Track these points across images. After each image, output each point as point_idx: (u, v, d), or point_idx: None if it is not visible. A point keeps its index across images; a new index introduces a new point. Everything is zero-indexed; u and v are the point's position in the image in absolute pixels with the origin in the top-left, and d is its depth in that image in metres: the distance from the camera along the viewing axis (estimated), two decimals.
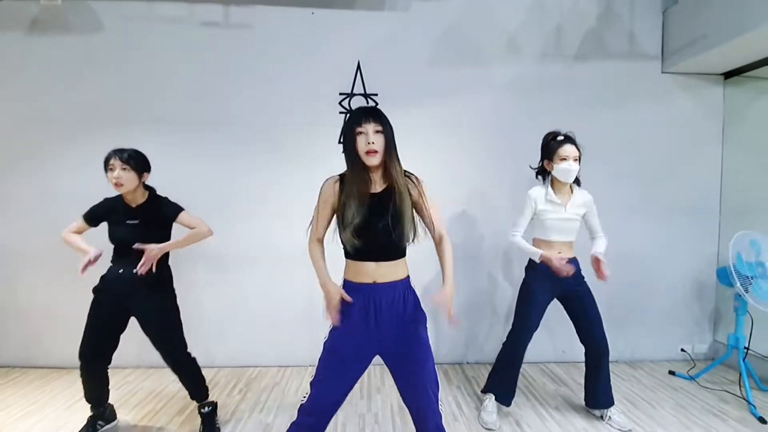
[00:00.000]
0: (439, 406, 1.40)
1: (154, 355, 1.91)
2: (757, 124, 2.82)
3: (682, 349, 2.86)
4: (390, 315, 1.36)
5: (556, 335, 2.77)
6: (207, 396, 1.96)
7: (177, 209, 1.87)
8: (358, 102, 2.70)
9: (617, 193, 2.75)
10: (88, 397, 1.87)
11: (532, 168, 2.16)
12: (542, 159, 2.08)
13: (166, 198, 1.91)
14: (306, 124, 2.70)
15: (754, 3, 2.18)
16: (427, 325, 1.44)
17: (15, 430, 1.96)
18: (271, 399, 2.29)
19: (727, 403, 2.28)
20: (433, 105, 2.74)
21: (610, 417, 2.04)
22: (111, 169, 1.78)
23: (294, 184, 2.71)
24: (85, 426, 1.88)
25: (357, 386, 1.96)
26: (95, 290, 1.84)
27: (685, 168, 2.85)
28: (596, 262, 1.98)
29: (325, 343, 1.42)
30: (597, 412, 2.11)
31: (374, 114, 1.35)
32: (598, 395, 2.06)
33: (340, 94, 2.69)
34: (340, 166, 1.42)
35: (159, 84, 2.65)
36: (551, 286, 2.01)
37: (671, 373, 2.66)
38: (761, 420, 2.10)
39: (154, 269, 1.76)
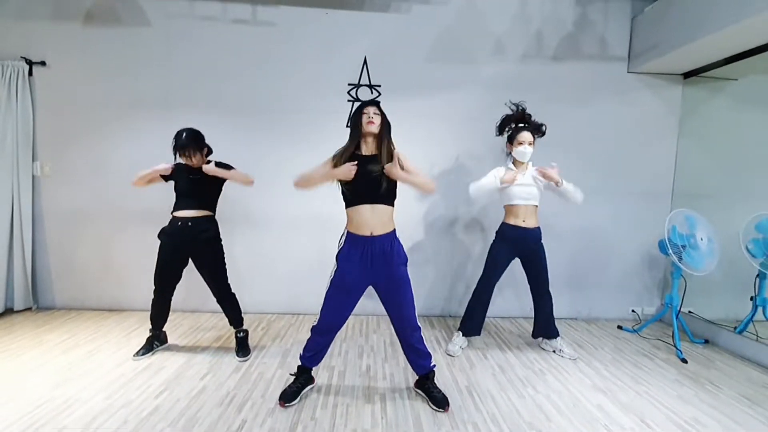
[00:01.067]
0: (417, 321, 1.95)
1: (195, 301, 2.46)
2: (710, 120, 3.25)
3: (633, 311, 3.38)
4: (381, 260, 1.87)
5: (522, 294, 3.29)
6: (242, 323, 2.50)
7: (229, 166, 2.41)
8: (364, 92, 3.16)
9: (583, 177, 3.16)
10: (153, 319, 2.42)
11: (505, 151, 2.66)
12: (508, 140, 2.57)
13: (217, 161, 2.42)
14: (318, 110, 3.16)
15: (709, 12, 2.56)
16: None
17: (84, 350, 2.49)
18: (288, 335, 2.83)
19: (658, 349, 2.80)
20: (428, 96, 3.19)
21: (561, 350, 2.58)
22: (184, 154, 2.31)
23: (306, 161, 3.17)
24: (144, 345, 2.43)
25: (357, 327, 2.48)
26: (160, 236, 2.35)
27: (643, 157, 3.30)
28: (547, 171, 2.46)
29: (331, 279, 1.94)
30: (549, 348, 2.64)
31: (375, 103, 1.97)
32: (540, 326, 2.61)
33: (349, 84, 3.15)
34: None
35: (196, 73, 3.12)
36: (513, 248, 2.54)
37: (619, 327, 3.18)
38: (683, 360, 2.62)
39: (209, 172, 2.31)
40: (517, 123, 2.54)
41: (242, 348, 2.45)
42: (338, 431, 1.73)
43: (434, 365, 2.04)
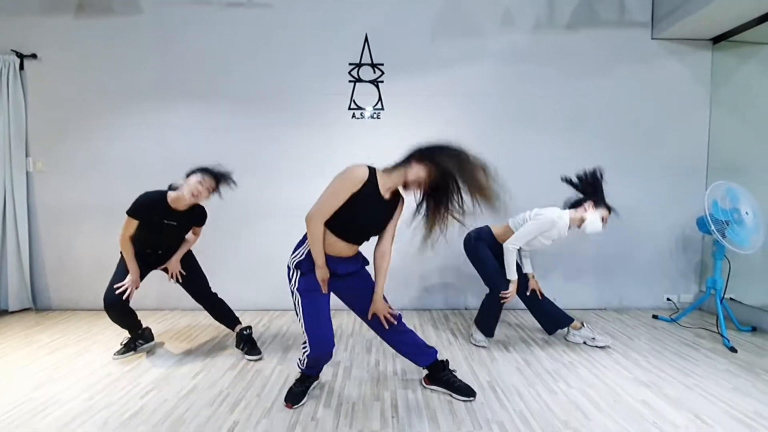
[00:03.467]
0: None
1: (191, 300, 2.29)
2: (743, 87, 2.97)
3: (668, 299, 3.07)
4: (346, 275, 1.67)
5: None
6: (239, 321, 2.30)
7: (203, 221, 2.25)
8: (366, 71, 2.97)
9: (608, 154, 2.95)
10: (126, 327, 2.23)
11: (568, 181, 2.27)
12: (586, 196, 2.23)
13: (204, 210, 2.22)
14: (318, 92, 2.99)
15: None
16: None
17: (72, 350, 2.33)
18: (289, 332, 2.62)
19: (702, 338, 2.50)
20: (434, 73, 2.99)
21: (592, 338, 2.32)
22: (201, 182, 2.02)
23: (307, 146, 3.01)
24: (125, 344, 2.23)
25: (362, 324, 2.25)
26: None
27: (673, 130, 3.03)
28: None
29: (297, 288, 1.63)
30: (578, 339, 2.37)
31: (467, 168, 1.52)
32: (546, 321, 2.36)
33: (350, 64, 2.97)
34: (347, 129, 1.68)
35: (191, 60, 2.98)
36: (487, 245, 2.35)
37: (654, 317, 2.88)
38: (732, 349, 2.32)
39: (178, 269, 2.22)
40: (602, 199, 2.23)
41: (250, 345, 2.22)
42: None
43: (437, 350, 1.82)
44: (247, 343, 2.22)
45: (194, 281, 2.29)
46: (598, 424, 1.57)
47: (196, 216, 2.20)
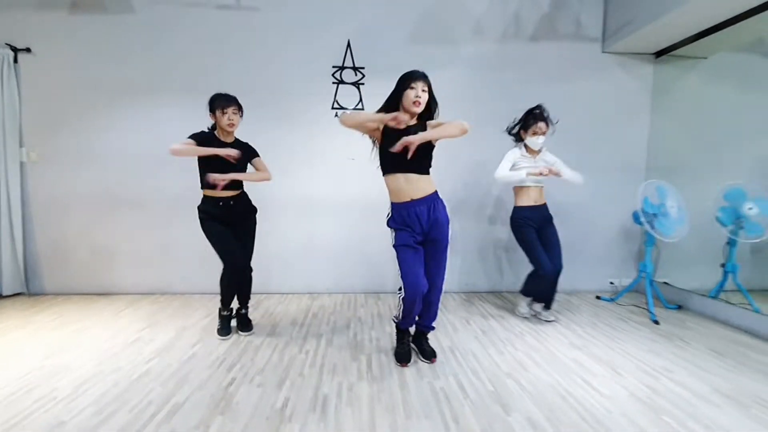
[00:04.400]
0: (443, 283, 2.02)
1: (182, 285, 2.48)
2: (681, 97, 3.40)
3: (611, 282, 3.51)
4: (426, 218, 1.90)
5: (505, 270, 3.40)
6: (248, 301, 2.51)
7: (256, 153, 2.43)
8: (348, 74, 3.24)
9: (561, 154, 3.30)
10: (239, 297, 2.44)
11: (509, 131, 2.75)
12: (520, 126, 2.67)
13: (246, 142, 2.42)
14: (304, 92, 3.23)
15: None
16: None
17: (73, 327, 2.54)
18: (277, 311, 2.89)
19: (633, 314, 2.92)
20: None
21: (540, 312, 2.73)
22: (224, 112, 2.22)
23: (292, 143, 3.26)
24: (223, 325, 2.39)
25: (346, 303, 2.42)
26: (203, 218, 2.30)
27: (618, 133, 3.44)
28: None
29: (394, 245, 1.94)
30: (533, 310, 2.77)
31: (424, 76, 1.89)
32: (551, 299, 2.72)
33: (333, 66, 3.22)
34: (330, 126, 1.91)
35: (181, 58, 3.16)
36: (532, 225, 2.68)
37: (597, 297, 3.30)
38: (656, 322, 2.74)
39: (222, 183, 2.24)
40: (533, 113, 2.62)
41: (245, 324, 2.46)
42: (325, 384, 1.81)
43: (434, 327, 2.12)
44: (242, 321, 2.47)
45: (244, 246, 2.40)
46: (534, 374, 1.93)
47: (244, 145, 2.38)
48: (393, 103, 1.91)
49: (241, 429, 1.47)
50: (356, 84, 3.24)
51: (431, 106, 1.94)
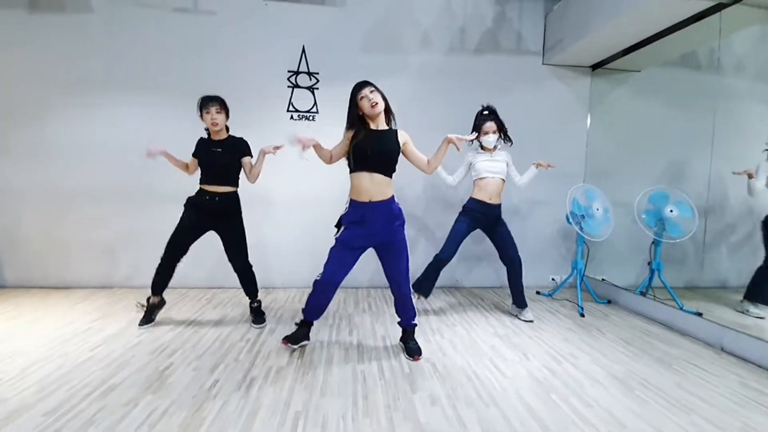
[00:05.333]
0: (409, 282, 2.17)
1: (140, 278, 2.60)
2: (615, 107, 3.68)
3: (552, 278, 3.76)
4: (381, 222, 2.03)
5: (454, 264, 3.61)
6: (257, 295, 2.65)
7: (249, 151, 2.53)
8: (303, 78, 3.40)
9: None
10: (154, 285, 2.50)
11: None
12: (473, 130, 2.80)
13: (241, 138, 2.54)
14: (260, 95, 3.37)
15: (604, 5, 2.88)
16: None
17: (28, 318, 2.63)
18: (229, 305, 3.04)
19: (564, 307, 3.17)
20: None
21: (521, 313, 2.86)
22: (208, 112, 2.38)
23: (249, 142, 3.38)
24: (145, 314, 2.51)
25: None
26: (185, 206, 2.47)
27: (558, 141, 3.69)
28: (538, 165, 2.89)
29: (337, 237, 2.08)
30: (514, 312, 2.93)
31: (368, 83, 2.06)
32: (518, 296, 2.87)
33: (288, 71, 3.38)
34: (288, 128, 2.03)
35: (139, 56, 3.26)
36: (474, 221, 2.83)
37: (537, 293, 3.55)
38: (582, 315, 2.99)
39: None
40: (480, 114, 2.81)
41: (258, 315, 2.59)
42: (256, 368, 1.97)
43: (416, 324, 2.24)
44: (256, 313, 2.61)
45: (239, 250, 2.53)
46: (450, 359, 2.13)
47: (236, 142, 2.51)
48: (354, 118, 2.04)
49: (167, 405, 1.62)
50: (311, 88, 3.40)
51: (386, 105, 2.07)
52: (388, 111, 2.08)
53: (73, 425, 1.48)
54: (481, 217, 2.82)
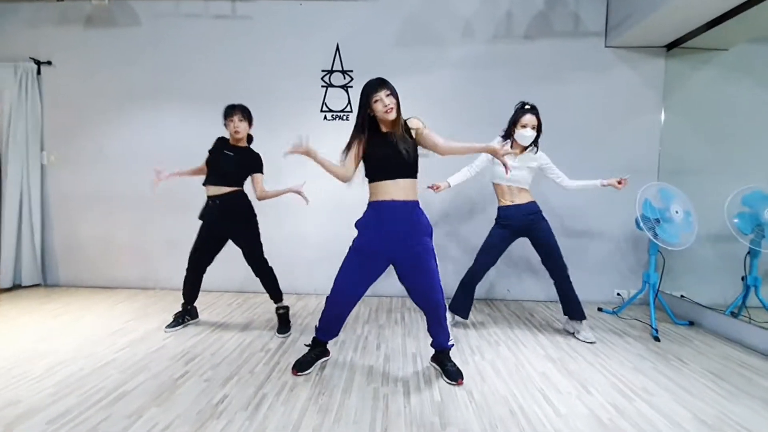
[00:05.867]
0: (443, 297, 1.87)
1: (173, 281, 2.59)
2: (695, 93, 3.11)
3: (618, 293, 3.25)
4: (403, 227, 1.78)
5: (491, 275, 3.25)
6: (282, 298, 2.52)
7: (261, 169, 2.45)
8: (337, 77, 3.27)
9: (561, 155, 3.08)
10: (184, 294, 2.50)
11: (501, 134, 2.54)
12: (510, 124, 2.50)
13: (258, 154, 2.46)
14: (295, 96, 3.30)
15: None
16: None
17: (71, 317, 2.72)
18: (258, 311, 2.95)
19: (633, 328, 2.68)
20: (398, 80, 3.15)
21: (578, 331, 2.46)
22: (231, 120, 2.34)
23: (283, 143, 3.29)
24: (174, 318, 2.49)
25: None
26: (201, 217, 2.43)
27: (625, 134, 3.20)
28: (611, 183, 2.51)
29: (351, 246, 1.87)
30: (570, 328, 2.55)
31: (385, 84, 1.79)
32: (569, 305, 2.48)
33: (322, 70, 3.27)
34: (321, 129, 1.88)
35: (183, 66, 3.35)
36: (509, 229, 2.49)
37: (599, 309, 3.07)
38: (656, 339, 2.50)
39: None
40: (521, 107, 2.48)
41: (283, 323, 2.47)
42: (270, 383, 1.81)
43: (452, 344, 1.96)
44: (280, 321, 2.48)
45: (253, 252, 2.43)
46: (490, 386, 1.82)
47: (251, 153, 2.44)
48: (363, 121, 1.81)
49: (170, 420, 1.50)
50: (345, 87, 3.26)
51: (398, 107, 1.80)
52: (398, 113, 1.81)
53: None
54: (514, 222, 2.47)
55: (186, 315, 2.54)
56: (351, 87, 3.26)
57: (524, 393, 1.76)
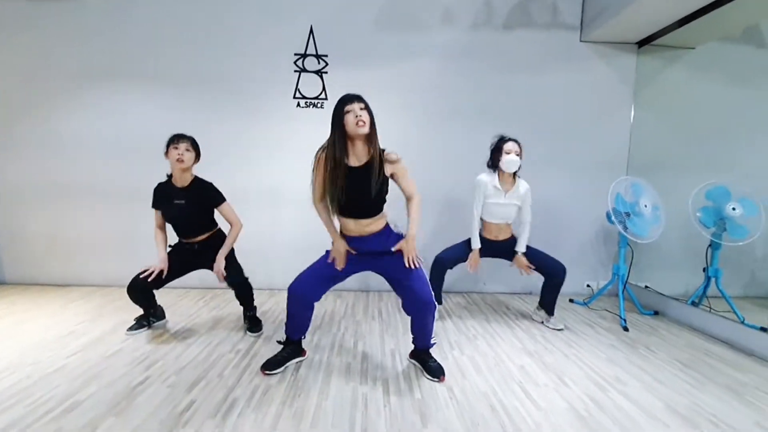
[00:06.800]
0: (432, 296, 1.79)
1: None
2: (665, 89, 3.20)
3: (588, 285, 3.33)
4: (375, 254, 1.80)
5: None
6: (253, 304, 2.38)
7: (221, 198, 2.23)
8: (310, 61, 3.11)
9: (536, 148, 3.14)
10: (140, 305, 2.25)
11: (487, 164, 2.55)
12: (492, 156, 2.52)
13: (210, 183, 2.22)
14: (266, 81, 3.11)
15: None
16: None
17: (17, 318, 2.48)
18: (219, 308, 2.79)
19: (603, 319, 2.75)
20: (377, 67, 3.13)
21: (549, 320, 2.58)
22: (176, 147, 2.09)
23: (254, 130, 3.15)
24: (138, 320, 2.28)
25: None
26: (173, 250, 2.26)
27: (597, 128, 3.25)
28: (519, 260, 2.53)
29: (327, 252, 1.86)
30: (537, 318, 2.66)
31: (359, 98, 1.68)
32: (549, 304, 2.58)
33: (295, 54, 3.10)
34: (294, 117, 1.74)
35: (141, 44, 3.07)
36: (490, 252, 2.62)
37: (571, 300, 3.13)
38: (625, 329, 2.57)
39: (222, 267, 2.18)
40: (501, 139, 2.50)
41: (253, 324, 2.33)
42: (241, 386, 1.69)
43: (435, 343, 1.92)
44: (251, 321, 2.35)
45: (234, 277, 2.25)
46: (471, 382, 1.79)
47: (203, 190, 2.19)
48: (338, 131, 1.66)
49: None
50: (319, 72, 3.11)
51: (372, 128, 1.69)
52: (372, 136, 1.69)
53: None
54: (497, 250, 2.62)
55: (150, 317, 2.33)
56: (326, 73, 3.11)
57: (504, 388, 1.75)
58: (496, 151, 2.49)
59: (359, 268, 1.87)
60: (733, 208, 2.59)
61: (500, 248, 2.61)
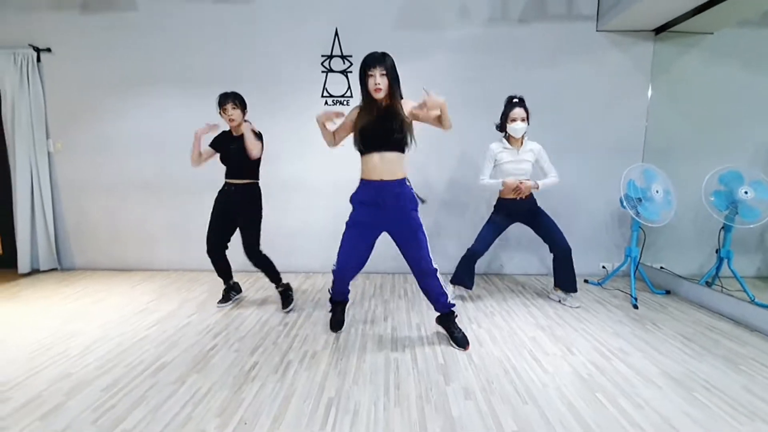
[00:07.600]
0: (432, 264, 2.05)
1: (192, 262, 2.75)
2: (682, 75, 3.26)
3: (603, 266, 3.50)
4: (392, 204, 1.98)
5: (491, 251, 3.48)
6: (280, 280, 2.68)
7: (259, 138, 2.51)
8: (336, 62, 3.34)
9: (551, 136, 3.27)
10: (219, 274, 2.69)
11: (496, 126, 2.73)
12: (502, 118, 2.68)
13: (259, 132, 2.52)
14: (294, 81, 3.37)
15: None
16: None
17: (93, 298, 2.90)
18: (268, 288, 3.15)
19: (615, 297, 2.95)
20: (398, 64, 3.31)
21: (565, 298, 2.79)
22: (224, 110, 2.43)
23: (284, 129, 3.43)
24: (222, 296, 2.72)
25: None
26: (215, 200, 2.59)
27: (614, 114, 3.35)
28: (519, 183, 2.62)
29: (347, 221, 2.10)
30: (555, 297, 2.86)
31: (381, 61, 1.88)
32: (568, 282, 2.74)
33: (322, 56, 3.34)
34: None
35: (182, 50, 3.37)
36: (509, 217, 2.75)
37: (585, 281, 3.33)
38: (635, 306, 2.76)
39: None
40: (509, 102, 2.65)
41: (286, 299, 2.64)
42: (293, 352, 2.03)
43: (454, 304, 2.14)
44: (284, 296, 2.66)
45: (247, 237, 2.53)
46: (487, 350, 2.06)
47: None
48: (363, 89, 1.95)
49: (210, 385, 1.71)
50: (344, 72, 3.34)
51: (393, 86, 1.92)
52: (394, 90, 1.94)
53: (127, 401, 1.61)
54: (514, 213, 2.74)
55: (231, 291, 2.75)
56: (350, 72, 3.34)
57: (516, 355, 2.01)
58: (504, 116, 2.63)
59: (376, 230, 2.07)
60: (746, 192, 2.70)
61: (520, 209, 2.70)
